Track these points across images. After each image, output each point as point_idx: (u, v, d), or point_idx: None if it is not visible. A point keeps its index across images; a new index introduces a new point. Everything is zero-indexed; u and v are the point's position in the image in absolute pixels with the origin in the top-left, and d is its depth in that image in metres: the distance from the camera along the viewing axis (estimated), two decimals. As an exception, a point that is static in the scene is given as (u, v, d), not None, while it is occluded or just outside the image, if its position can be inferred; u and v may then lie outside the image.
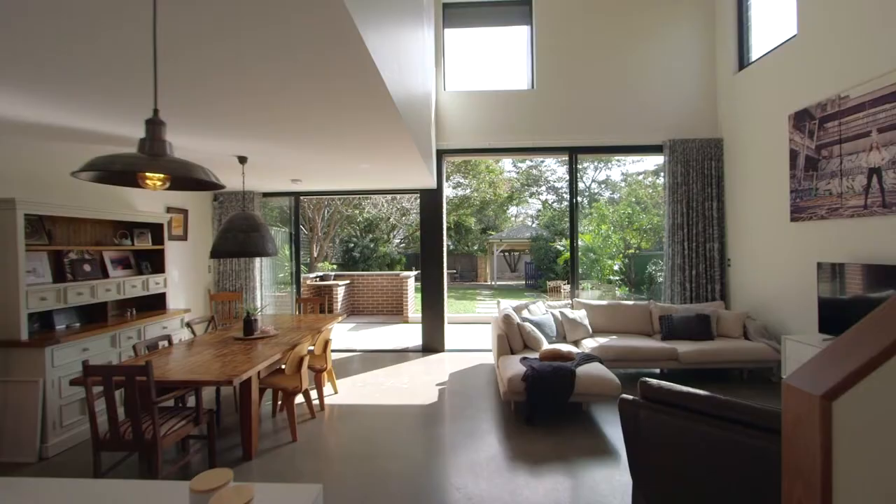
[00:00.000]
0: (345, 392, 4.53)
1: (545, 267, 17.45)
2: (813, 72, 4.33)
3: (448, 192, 18.88)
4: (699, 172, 5.88)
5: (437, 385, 4.73)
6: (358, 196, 13.58)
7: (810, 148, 4.33)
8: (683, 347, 4.65)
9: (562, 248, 14.44)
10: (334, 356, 5.97)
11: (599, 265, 11.91)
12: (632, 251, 10.67)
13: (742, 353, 4.57)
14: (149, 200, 5.05)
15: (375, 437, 3.50)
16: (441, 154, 6.21)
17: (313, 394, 4.15)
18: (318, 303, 5.65)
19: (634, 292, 9.59)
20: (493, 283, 21.29)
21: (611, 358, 4.58)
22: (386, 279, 10.26)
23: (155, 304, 4.72)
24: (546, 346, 4.54)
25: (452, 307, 11.84)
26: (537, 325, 4.80)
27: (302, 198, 6.92)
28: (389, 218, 16.20)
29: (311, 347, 4.13)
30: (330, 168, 4.72)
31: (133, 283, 4.30)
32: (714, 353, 4.58)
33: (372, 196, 13.89)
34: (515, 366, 3.89)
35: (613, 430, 3.52)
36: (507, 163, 23.51)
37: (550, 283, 9.00)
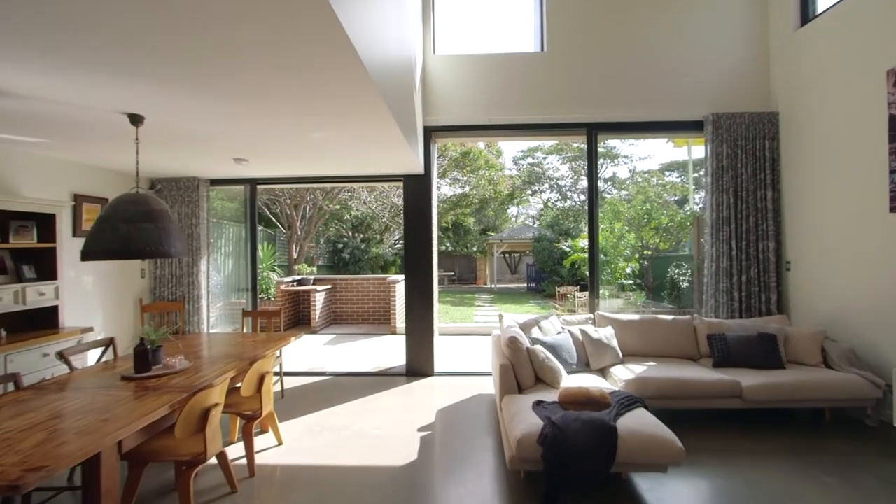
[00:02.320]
0: (293, 442, 3.35)
1: (549, 269, 16.28)
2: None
3: (445, 189, 17.75)
4: (749, 154, 4.72)
5: (420, 430, 3.54)
6: (338, 189, 12.38)
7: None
8: (748, 380, 3.47)
9: (568, 249, 13.27)
10: (295, 382, 4.79)
11: (611, 267, 10.75)
12: (649, 252, 9.50)
13: (831, 388, 3.39)
14: (42, 183, 3.88)
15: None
16: (430, 133, 5.05)
17: (238, 450, 2.97)
18: (275, 316, 4.47)
19: (654, 299, 8.43)
20: (493, 285, 20.12)
21: (651, 394, 3.41)
22: (372, 284, 9.09)
23: (45, 321, 3.55)
24: (564, 378, 3.36)
25: (448, 315, 10.65)
26: (552, 348, 3.63)
27: (265, 187, 5.74)
28: (383, 217, 15.03)
29: (239, 386, 2.95)
30: (274, 139, 3.55)
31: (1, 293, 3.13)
32: (792, 389, 3.40)
33: (355, 190, 12.67)
34: (527, 416, 2.71)
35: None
36: (507, 160, 22.42)
37: (559, 290, 7.82)
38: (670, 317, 4.34)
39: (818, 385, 3.42)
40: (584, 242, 11.91)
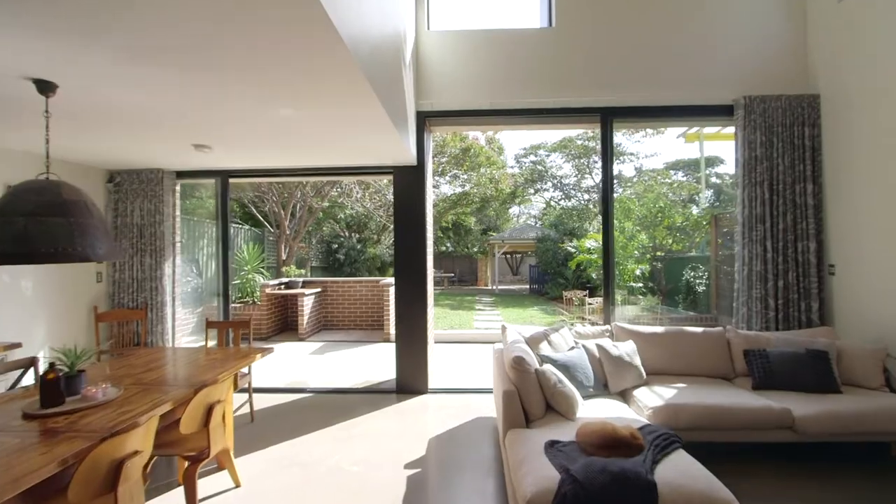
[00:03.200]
0: (253, 483, 2.78)
1: (553, 271, 15.68)
2: None
3: (445, 188, 17.16)
4: (787, 143, 4.14)
5: (408, 466, 2.97)
6: (329, 186, 11.77)
7: None
8: (800, 407, 2.89)
9: (573, 250, 12.68)
10: (269, 401, 4.22)
11: (619, 269, 10.15)
12: (661, 253, 8.90)
13: (904, 419, 2.81)
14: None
15: None
16: (424, 119, 4.48)
17: (178, 497, 2.40)
18: (244, 327, 3.89)
19: (666, 303, 7.84)
20: (494, 287, 19.53)
21: (685, 425, 2.84)
22: (366, 287, 8.51)
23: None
24: (580, 405, 2.78)
25: (446, 320, 10.08)
26: (565, 368, 3.05)
27: (241, 181, 5.16)
28: (379, 216, 14.45)
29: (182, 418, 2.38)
30: (236, 119, 2.98)
31: None
32: (856, 419, 2.82)
33: (345, 186, 12.06)
34: (538, 463, 2.13)
35: None
36: (509, 158, 21.83)
37: (567, 294, 7.23)
38: (700, 329, 3.75)
39: (888, 414, 2.84)
40: (590, 243, 11.32)
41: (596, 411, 2.82)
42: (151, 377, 2.65)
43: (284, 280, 8.24)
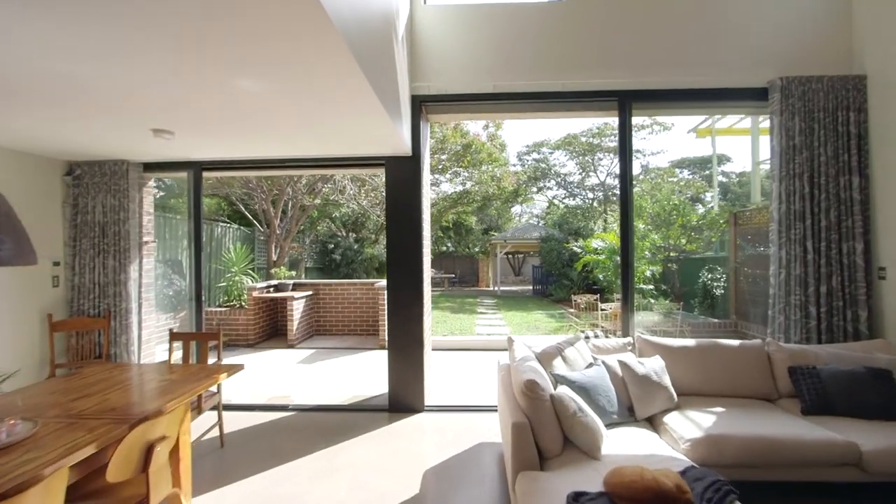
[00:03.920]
0: (211, 532, 2.31)
1: (557, 272, 15.19)
2: None
3: (445, 186, 16.67)
4: (829, 129, 3.66)
5: (397, 510, 2.49)
6: (321, 183, 11.28)
7: None
8: (868, 439, 2.41)
9: (579, 250, 12.20)
10: (246, 420, 3.74)
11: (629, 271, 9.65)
12: (674, 254, 8.39)
13: None
14: None
15: None
16: (420, 105, 4.01)
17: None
18: (212, 339, 3.41)
19: (684, 309, 7.34)
20: (496, 288, 19.03)
21: (729, 461, 2.37)
22: (360, 290, 8.02)
23: None
24: (604, 437, 2.30)
25: (446, 324, 9.59)
26: (584, 391, 2.57)
27: (219, 175, 4.69)
28: (377, 215, 13.98)
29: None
30: (193, 94, 2.51)
31: None
32: (940, 456, 2.34)
33: (337, 182, 11.56)
34: (559, 526, 1.65)
35: None
36: (511, 156, 21.33)
37: (576, 298, 6.73)
38: (736, 342, 3.27)
39: (974, 449, 2.36)
40: (597, 243, 10.83)
41: (623, 445, 2.34)
42: (82, 406, 2.17)
43: (273, 282, 7.76)
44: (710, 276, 7.31)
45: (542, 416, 2.24)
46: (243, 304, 7.33)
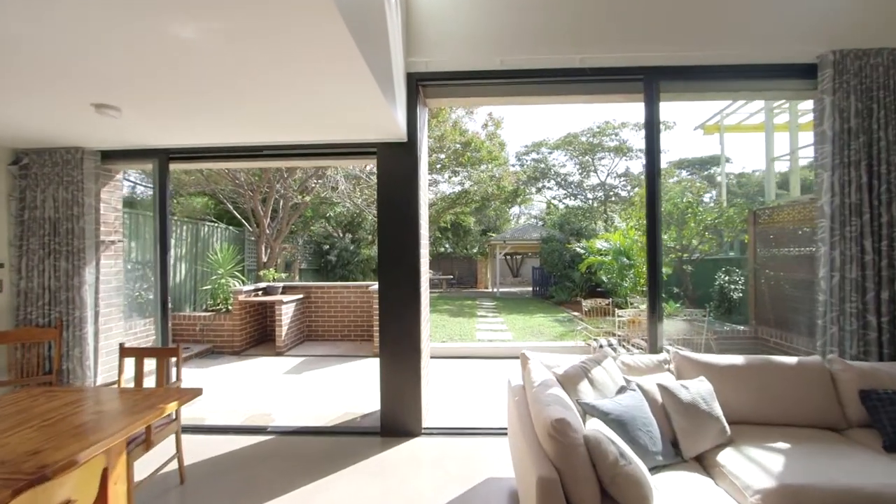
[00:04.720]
0: None
1: (559, 273, 14.69)
2: None
3: (444, 186, 16.17)
4: (891, 111, 3.19)
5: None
6: (313, 181, 10.74)
7: None
8: (981, 489, 1.91)
9: (582, 251, 11.71)
10: (216, 447, 3.21)
11: (636, 272, 9.18)
12: (687, 255, 7.88)
13: None
14: None
15: None
16: (417, 84, 3.50)
17: None
18: (171, 355, 2.89)
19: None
20: (495, 290, 18.52)
21: (810, 518, 1.85)
22: (353, 293, 7.50)
23: None
24: (651, 489, 1.78)
25: (445, 329, 9.08)
26: (621, 426, 2.06)
27: (193, 167, 4.18)
28: (371, 216, 13.44)
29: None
30: (137, 52, 1.99)
31: None
32: None
33: (329, 177, 11.02)
34: None
35: None
36: (510, 156, 20.85)
37: (587, 303, 6.20)
38: (793, 359, 2.76)
39: None
40: (601, 243, 10.35)
41: (676, 499, 1.83)
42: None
43: (262, 285, 7.22)
44: (727, 278, 6.80)
45: (577, 466, 1.72)
46: (229, 307, 6.80)
